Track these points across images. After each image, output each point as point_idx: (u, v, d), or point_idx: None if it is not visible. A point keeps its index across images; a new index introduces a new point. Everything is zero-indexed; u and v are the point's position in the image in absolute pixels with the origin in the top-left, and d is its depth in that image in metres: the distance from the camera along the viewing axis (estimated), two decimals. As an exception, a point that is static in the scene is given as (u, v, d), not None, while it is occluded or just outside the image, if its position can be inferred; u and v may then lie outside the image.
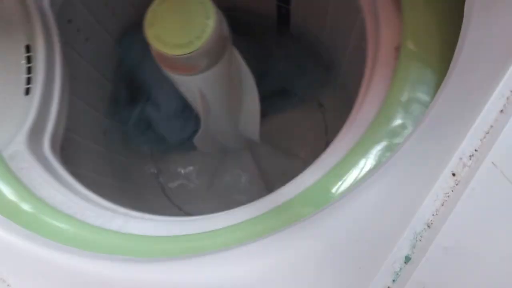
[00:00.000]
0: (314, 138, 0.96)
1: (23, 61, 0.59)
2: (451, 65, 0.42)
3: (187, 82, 0.59)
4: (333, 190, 0.44)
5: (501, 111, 0.33)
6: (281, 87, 0.95)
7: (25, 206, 0.45)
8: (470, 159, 0.34)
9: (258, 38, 0.94)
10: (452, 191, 0.34)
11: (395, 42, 0.51)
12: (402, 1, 0.51)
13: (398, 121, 0.46)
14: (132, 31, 0.83)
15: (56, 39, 0.61)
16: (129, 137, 0.87)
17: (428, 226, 0.34)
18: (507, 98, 0.34)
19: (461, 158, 0.34)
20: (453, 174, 0.34)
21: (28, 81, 0.59)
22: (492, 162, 0.33)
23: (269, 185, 0.91)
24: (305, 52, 0.94)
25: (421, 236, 0.34)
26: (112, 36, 0.82)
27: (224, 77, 0.61)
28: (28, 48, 0.60)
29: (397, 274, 0.33)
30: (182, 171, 0.97)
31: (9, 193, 0.47)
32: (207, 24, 0.53)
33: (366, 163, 0.45)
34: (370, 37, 0.55)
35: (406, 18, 0.51)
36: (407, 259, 0.33)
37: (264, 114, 0.76)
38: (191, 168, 0.97)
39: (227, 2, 0.93)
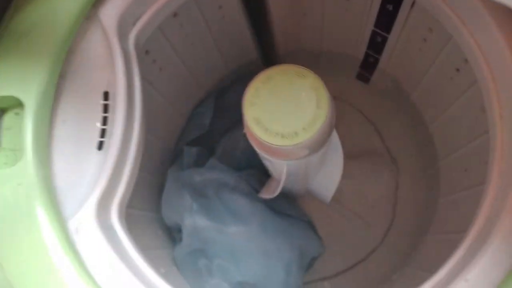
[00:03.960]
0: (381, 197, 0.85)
1: (100, 110, 0.51)
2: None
3: (278, 163, 0.50)
4: None
5: None
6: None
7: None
8: None
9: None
10: None
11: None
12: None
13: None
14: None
15: (138, 88, 0.52)
16: None
17: None
18: None
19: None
20: None
21: (103, 133, 0.50)
22: None
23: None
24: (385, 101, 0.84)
25: None
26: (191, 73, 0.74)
27: (318, 159, 0.52)
28: (106, 96, 0.51)
29: None
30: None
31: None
32: (318, 115, 0.43)
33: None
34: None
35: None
36: None
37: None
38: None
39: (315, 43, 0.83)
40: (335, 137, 0.54)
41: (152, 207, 0.71)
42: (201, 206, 0.65)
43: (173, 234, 0.71)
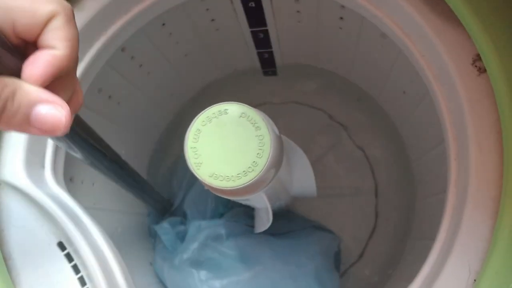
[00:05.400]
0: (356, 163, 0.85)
1: (65, 262, 0.47)
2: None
3: (256, 197, 0.49)
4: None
5: None
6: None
7: None
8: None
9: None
10: None
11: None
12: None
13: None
14: None
15: (82, 215, 0.49)
16: None
17: None
18: None
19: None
20: None
21: (83, 282, 0.46)
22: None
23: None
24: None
25: None
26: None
27: (285, 168, 0.51)
28: (62, 246, 0.47)
29: None
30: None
31: None
32: (263, 136, 0.42)
33: None
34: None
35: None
36: None
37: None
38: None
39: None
40: (285, 140, 0.53)
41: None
42: (208, 270, 0.63)
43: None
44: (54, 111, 0.26)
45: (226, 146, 0.42)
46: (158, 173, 0.81)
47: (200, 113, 0.44)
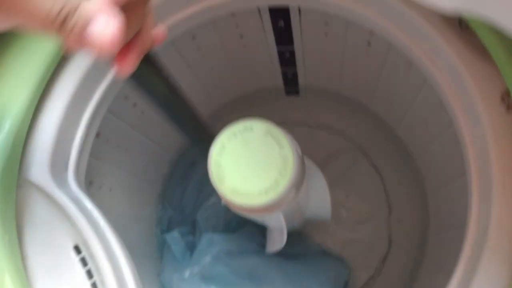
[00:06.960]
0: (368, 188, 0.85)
1: (79, 268, 0.47)
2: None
3: (274, 216, 0.49)
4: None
5: None
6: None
7: None
8: None
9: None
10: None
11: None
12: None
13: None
14: None
15: (102, 222, 0.50)
16: None
17: None
18: None
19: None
20: None
21: (95, 286, 0.47)
22: None
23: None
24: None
25: None
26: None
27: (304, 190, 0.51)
28: (78, 249, 0.48)
29: None
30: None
31: None
32: (285, 154, 0.43)
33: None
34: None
35: None
36: None
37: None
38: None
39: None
40: (307, 160, 0.54)
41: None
42: (218, 287, 0.63)
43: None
44: (104, 26, 0.26)
45: (250, 163, 0.43)
46: (172, 179, 0.82)
47: (226, 128, 0.44)
